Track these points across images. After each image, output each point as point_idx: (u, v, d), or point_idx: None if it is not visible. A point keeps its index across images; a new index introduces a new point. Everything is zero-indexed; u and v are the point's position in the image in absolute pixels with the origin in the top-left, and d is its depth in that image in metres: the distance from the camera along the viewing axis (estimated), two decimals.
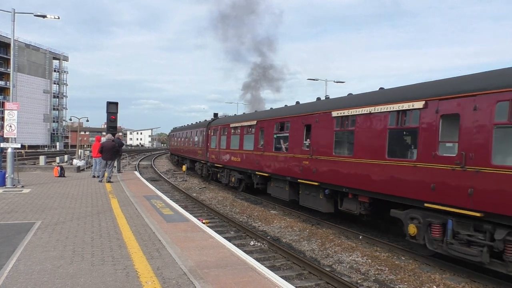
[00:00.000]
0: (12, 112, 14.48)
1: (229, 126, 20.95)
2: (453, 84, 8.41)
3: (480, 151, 7.33)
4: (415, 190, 8.69)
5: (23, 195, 12.65)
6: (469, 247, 7.58)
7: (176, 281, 5.34)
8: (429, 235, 8.44)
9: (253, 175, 17.81)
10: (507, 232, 6.94)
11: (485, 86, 7.43)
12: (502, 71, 7.61)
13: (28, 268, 5.71)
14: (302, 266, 8.51)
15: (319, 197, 12.68)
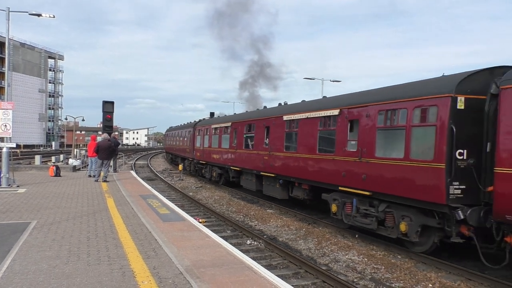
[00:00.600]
0: (7, 111, 14.40)
1: (211, 127, 23.59)
2: (356, 96, 11.30)
3: (369, 147, 9.92)
4: (334, 177, 11.31)
5: (18, 195, 12.59)
6: (366, 218, 10.19)
7: (173, 281, 5.34)
8: (344, 212, 10.97)
9: (229, 169, 20.35)
10: (386, 206, 9.59)
11: (373, 100, 10.15)
12: (385, 88, 10.53)
13: (23, 268, 5.69)
14: (299, 265, 8.52)
15: (276, 186, 15.31)
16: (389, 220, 9.51)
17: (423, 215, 8.75)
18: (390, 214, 9.49)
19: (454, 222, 7.96)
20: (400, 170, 8.96)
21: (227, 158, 20.32)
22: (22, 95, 79.57)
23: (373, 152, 9.76)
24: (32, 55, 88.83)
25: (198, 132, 26.66)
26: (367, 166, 9.91)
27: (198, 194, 19.83)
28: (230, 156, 19.78)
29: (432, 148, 8.20)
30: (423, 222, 8.74)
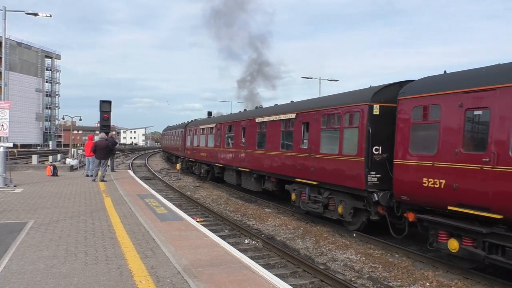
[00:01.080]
0: (3, 111, 14.35)
1: (199, 127, 25.95)
2: (308, 103, 13.56)
3: (316, 144, 12.10)
4: (292, 170, 13.36)
5: (15, 195, 12.55)
6: (315, 204, 12.21)
7: (170, 280, 5.33)
8: (301, 199, 12.99)
9: (214, 166, 22.32)
10: (329, 193, 11.63)
11: (318, 106, 12.36)
12: (328, 97, 12.91)
13: (20, 268, 5.67)
14: (297, 264, 8.53)
15: (251, 180, 17.23)
16: (331, 204, 11.69)
17: (354, 199, 10.75)
18: (332, 199, 11.64)
19: (372, 203, 9.99)
20: (337, 164, 11.14)
21: (212, 156, 22.41)
22: (19, 95, 79.23)
23: (319, 149, 11.98)
24: (29, 54, 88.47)
25: (189, 132, 28.87)
26: (314, 161, 12.13)
27: (196, 193, 19.82)
28: (215, 154, 21.89)
29: (356, 145, 10.36)
30: (354, 205, 10.75)
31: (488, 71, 7.71)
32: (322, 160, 11.76)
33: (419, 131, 8.77)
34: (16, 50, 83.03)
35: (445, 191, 7.86)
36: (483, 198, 7.20)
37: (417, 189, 8.51)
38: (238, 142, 18.63)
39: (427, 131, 8.60)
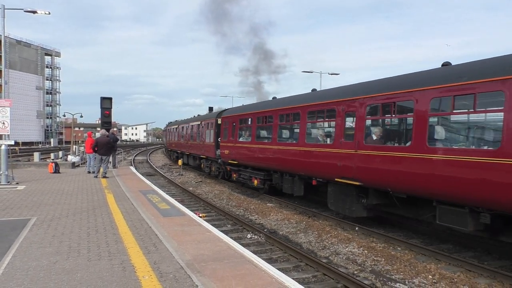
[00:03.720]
0: (4, 109, 14.36)
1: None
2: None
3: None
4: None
5: (17, 192, 12.58)
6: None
7: (174, 275, 5.34)
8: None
9: (197, 157, 28.02)
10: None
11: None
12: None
13: (24, 264, 5.69)
14: (299, 258, 8.54)
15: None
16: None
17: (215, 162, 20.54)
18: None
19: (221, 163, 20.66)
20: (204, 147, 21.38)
21: (194, 148, 28.28)
22: (19, 93, 79.29)
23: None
24: (28, 52, 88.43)
25: (174, 130, 37.88)
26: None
27: (198, 189, 19.84)
28: (190, 146, 29.33)
29: (212, 136, 22.64)
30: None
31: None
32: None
33: (240, 130, 18.62)
34: (15, 48, 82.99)
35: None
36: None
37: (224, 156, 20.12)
38: (206, 136, 24.78)
39: (244, 130, 18.44)
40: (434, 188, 8.24)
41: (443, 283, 7.23)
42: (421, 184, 8.56)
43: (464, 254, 9.00)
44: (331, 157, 11.42)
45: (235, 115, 19.37)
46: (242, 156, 18.01)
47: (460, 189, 7.75)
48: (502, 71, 7.29)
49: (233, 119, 19.42)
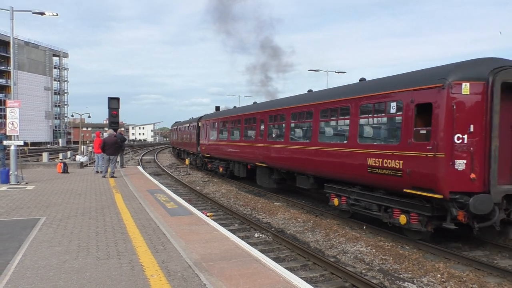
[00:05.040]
0: (14, 109, 14.50)
1: (178, 127, 39.10)
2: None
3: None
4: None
5: (27, 192, 12.71)
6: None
7: (181, 274, 5.37)
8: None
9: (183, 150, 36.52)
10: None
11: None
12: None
13: (34, 263, 5.75)
14: (307, 257, 8.53)
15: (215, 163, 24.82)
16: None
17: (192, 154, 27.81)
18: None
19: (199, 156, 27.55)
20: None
21: (188, 145, 33.51)
22: (28, 93, 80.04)
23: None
24: (36, 53, 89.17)
25: (176, 130, 43.59)
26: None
27: (205, 188, 19.89)
28: (189, 144, 32.55)
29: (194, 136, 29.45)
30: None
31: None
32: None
33: (211, 131, 23.93)
34: (24, 50, 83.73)
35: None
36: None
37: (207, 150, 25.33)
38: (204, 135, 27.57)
39: (224, 128, 22.24)
40: (295, 166, 14.13)
41: (452, 282, 7.18)
42: (287, 163, 14.71)
43: (473, 253, 8.94)
44: (254, 148, 17.50)
45: (208, 119, 26.01)
46: (212, 151, 24.50)
47: (310, 166, 13.01)
48: (400, 84, 9.44)
49: (207, 122, 26.06)
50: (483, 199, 7.89)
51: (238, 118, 20.13)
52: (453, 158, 8.15)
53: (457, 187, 8.11)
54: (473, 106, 8.22)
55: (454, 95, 8.21)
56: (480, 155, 8.16)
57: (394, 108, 9.61)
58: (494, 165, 8.03)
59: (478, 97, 8.22)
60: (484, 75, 8.18)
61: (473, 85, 8.22)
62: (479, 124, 8.18)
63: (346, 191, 11.31)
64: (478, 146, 8.17)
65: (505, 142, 8.41)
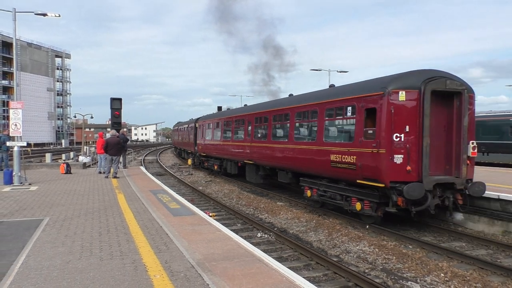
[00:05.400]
0: (17, 111, 14.54)
1: (179, 127, 41.01)
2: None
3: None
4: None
5: (30, 193, 12.75)
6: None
7: (185, 274, 5.38)
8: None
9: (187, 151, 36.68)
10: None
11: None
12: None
13: (38, 264, 5.77)
14: (310, 256, 8.53)
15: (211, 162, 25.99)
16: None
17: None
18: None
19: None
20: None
21: (186, 145, 36.57)
22: (30, 94, 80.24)
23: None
24: (39, 54, 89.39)
25: (177, 130, 45.45)
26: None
27: (208, 188, 19.91)
28: (187, 143, 34.89)
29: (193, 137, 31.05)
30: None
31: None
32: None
33: (207, 131, 26.31)
34: (26, 51, 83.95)
35: None
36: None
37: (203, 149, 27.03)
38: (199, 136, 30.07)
39: (218, 129, 23.99)
40: (276, 163, 15.88)
41: (456, 281, 7.17)
42: (269, 160, 16.39)
43: (477, 252, 8.92)
44: (243, 147, 19.24)
45: (204, 121, 28.01)
46: (207, 150, 26.29)
47: (292, 164, 14.39)
48: (354, 92, 11.11)
49: (203, 123, 28.07)
50: (415, 186, 9.31)
51: (229, 119, 21.98)
52: (392, 154, 9.68)
53: (396, 177, 9.64)
54: (408, 110, 9.76)
55: (393, 101, 9.74)
56: (414, 151, 9.67)
57: (349, 112, 11.21)
58: (426, 159, 9.60)
59: (412, 102, 9.77)
60: (417, 85, 9.75)
61: (408, 93, 9.77)
62: (413, 125, 9.69)
63: (316, 183, 12.82)
64: (412, 144, 9.68)
65: (438, 140, 10.09)
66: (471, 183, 10.13)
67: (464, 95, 10.11)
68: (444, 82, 9.96)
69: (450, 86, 9.99)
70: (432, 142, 9.86)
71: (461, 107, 10.11)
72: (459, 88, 10.08)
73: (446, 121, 10.33)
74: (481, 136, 23.32)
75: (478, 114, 24.56)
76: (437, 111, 10.09)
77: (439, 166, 10.21)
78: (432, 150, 9.85)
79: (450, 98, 10.21)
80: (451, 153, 10.20)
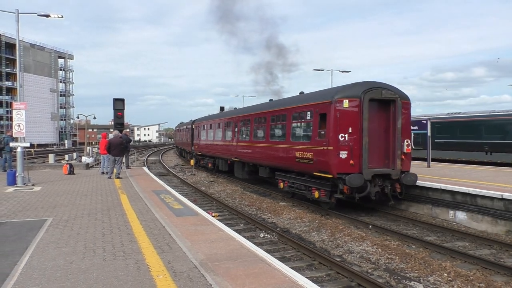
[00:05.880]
0: (20, 111, 14.59)
1: (180, 128, 43.08)
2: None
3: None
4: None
5: (34, 193, 12.79)
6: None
7: (187, 274, 5.38)
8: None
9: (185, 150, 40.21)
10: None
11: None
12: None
13: (41, 264, 5.79)
14: (312, 256, 8.52)
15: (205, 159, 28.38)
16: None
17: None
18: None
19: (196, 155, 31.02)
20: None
21: (182, 143, 42.55)
22: (33, 95, 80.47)
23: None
24: (42, 55, 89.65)
25: (178, 130, 48.89)
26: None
27: (211, 188, 19.92)
28: (187, 143, 36.91)
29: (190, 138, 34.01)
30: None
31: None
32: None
33: (204, 131, 28.48)
34: (29, 52, 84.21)
35: None
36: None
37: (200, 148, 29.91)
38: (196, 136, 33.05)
39: (211, 130, 26.70)
40: (259, 160, 17.83)
41: (459, 281, 7.15)
42: (252, 157, 18.68)
43: (480, 252, 8.90)
44: (231, 147, 21.60)
45: (200, 123, 30.90)
46: (202, 149, 29.06)
47: (272, 161, 16.34)
48: (312, 99, 13.54)
49: (199, 125, 31.00)
50: (355, 176, 11.37)
51: (220, 122, 24.71)
52: (339, 150, 11.77)
53: (342, 169, 11.69)
54: (351, 115, 11.82)
55: (338, 108, 11.82)
56: (356, 148, 11.74)
57: (308, 116, 13.47)
58: (365, 155, 11.69)
59: (354, 109, 11.83)
60: (358, 94, 11.85)
61: (351, 101, 11.87)
62: (355, 127, 11.76)
63: (287, 177, 14.98)
64: (355, 142, 11.75)
65: (378, 140, 12.23)
66: (405, 174, 12.13)
67: (398, 102, 12.16)
68: (380, 92, 12.01)
69: (385, 95, 12.10)
70: (372, 141, 11.94)
71: (396, 112, 12.15)
72: (393, 96, 12.16)
73: (385, 123, 12.35)
74: (484, 136, 23.25)
75: (481, 113, 24.63)
76: (378, 115, 12.19)
77: (379, 160, 12.25)
78: (372, 148, 11.89)
79: (387, 105, 12.31)
80: (389, 150, 12.28)
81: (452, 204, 11.76)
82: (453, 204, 11.73)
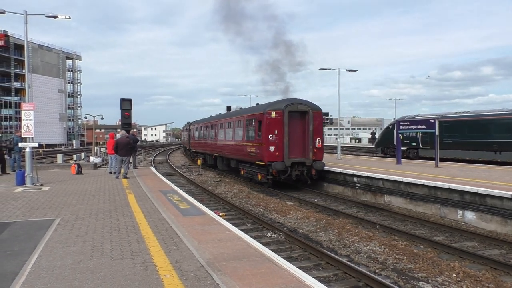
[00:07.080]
0: (28, 112, 14.71)
1: (190, 127, 42.32)
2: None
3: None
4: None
5: (42, 193, 12.89)
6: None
7: (195, 274, 5.39)
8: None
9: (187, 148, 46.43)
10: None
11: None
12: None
13: (49, 263, 5.83)
14: (320, 256, 8.50)
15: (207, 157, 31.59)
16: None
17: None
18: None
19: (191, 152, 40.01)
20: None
21: (184, 142, 50.39)
22: (42, 96, 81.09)
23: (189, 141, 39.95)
24: (50, 56, 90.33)
25: (183, 130, 55.58)
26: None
27: (218, 188, 19.94)
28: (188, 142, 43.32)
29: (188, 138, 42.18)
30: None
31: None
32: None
33: (197, 131, 35.64)
34: (37, 53, 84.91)
35: None
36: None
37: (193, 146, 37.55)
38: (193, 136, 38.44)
39: (201, 131, 33.12)
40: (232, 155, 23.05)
41: (468, 282, 7.08)
42: (225, 153, 24.45)
43: (489, 252, 8.81)
44: (214, 145, 27.42)
45: (195, 124, 37.03)
46: (196, 147, 35.90)
47: (237, 154, 21.81)
48: (258, 110, 19.06)
49: (194, 126, 37.39)
50: (279, 163, 16.96)
51: (207, 124, 30.39)
52: (268, 146, 17.27)
53: (271, 159, 17.20)
54: (277, 122, 17.39)
55: (268, 117, 17.46)
56: (280, 144, 17.26)
57: (254, 122, 18.97)
58: (286, 149, 17.25)
59: (279, 118, 17.41)
60: (282, 108, 17.45)
61: (276, 112, 17.48)
62: (280, 130, 17.32)
63: (245, 166, 20.40)
64: (279, 140, 17.30)
65: (298, 139, 17.75)
66: (315, 162, 17.60)
67: (310, 113, 17.76)
68: (296, 106, 17.68)
69: (300, 108, 17.76)
70: (293, 139, 17.57)
71: (308, 120, 17.81)
72: (306, 109, 17.84)
73: (302, 127, 17.88)
74: (493, 135, 23.00)
75: (489, 112, 24.38)
76: (296, 122, 17.71)
77: (297, 153, 17.69)
78: (292, 144, 17.47)
79: (304, 114, 17.87)
80: (305, 146, 17.82)
81: (460, 204, 11.68)
82: (461, 204, 11.64)
